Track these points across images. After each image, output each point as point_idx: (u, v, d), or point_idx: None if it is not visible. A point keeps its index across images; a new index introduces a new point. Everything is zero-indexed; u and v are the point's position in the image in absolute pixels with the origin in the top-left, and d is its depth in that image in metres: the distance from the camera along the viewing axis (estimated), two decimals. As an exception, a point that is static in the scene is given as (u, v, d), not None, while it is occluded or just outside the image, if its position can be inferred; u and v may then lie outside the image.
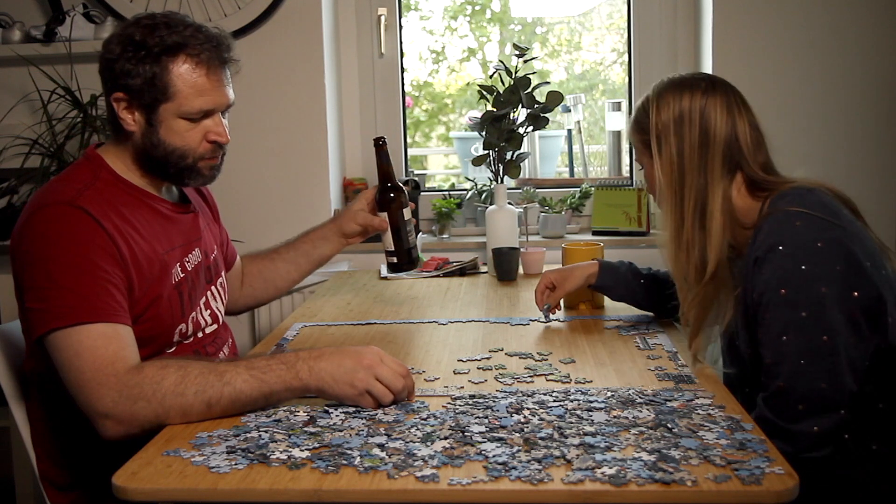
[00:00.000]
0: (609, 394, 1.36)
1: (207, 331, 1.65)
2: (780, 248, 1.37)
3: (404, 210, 1.87)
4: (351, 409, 1.31)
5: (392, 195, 1.86)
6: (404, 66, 3.11)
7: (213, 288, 1.68)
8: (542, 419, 1.25)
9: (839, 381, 1.34)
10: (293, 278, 1.94)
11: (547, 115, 2.53)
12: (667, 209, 1.49)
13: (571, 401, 1.33)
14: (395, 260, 1.90)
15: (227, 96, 1.52)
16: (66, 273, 1.35)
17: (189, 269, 1.58)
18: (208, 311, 1.65)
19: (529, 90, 2.51)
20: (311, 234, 1.94)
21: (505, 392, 1.39)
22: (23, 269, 1.39)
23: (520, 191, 2.97)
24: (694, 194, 1.45)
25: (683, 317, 1.53)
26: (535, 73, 2.54)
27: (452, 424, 1.24)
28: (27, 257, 1.38)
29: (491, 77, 2.59)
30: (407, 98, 3.16)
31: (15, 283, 1.44)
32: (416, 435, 1.21)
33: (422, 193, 2.96)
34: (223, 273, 1.76)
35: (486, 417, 1.26)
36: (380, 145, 1.86)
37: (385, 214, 1.87)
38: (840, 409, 1.34)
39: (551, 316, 1.87)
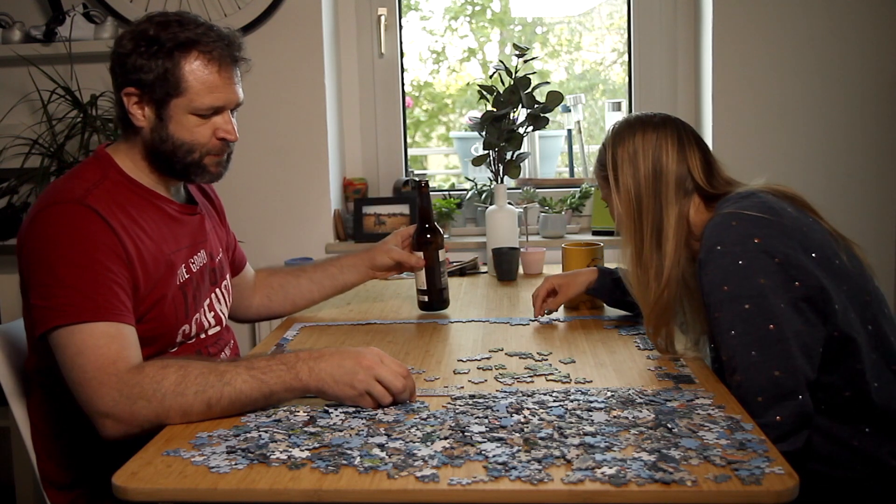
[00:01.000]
0: (609, 394, 1.36)
1: (210, 332, 1.65)
2: (718, 247, 1.42)
3: (440, 252, 1.93)
4: (351, 409, 1.31)
5: (430, 236, 1.92)
6: (404, 66, 3.11)
7: (217, 290, 1.68)
8: (542, 419, 1.25)
9: (792, 366, 1.36)
10: (314, 298, 1.95)
11: (547, 115, 2.53)
12: (627, 234, 1.58)
13: (571, 401, 1.33)
14: (426, 299, 1.95)
15: (237, 94, 1.53)
16: (72, 271, 1.35)
17: (194, 270, 1.59)
18: (212, 313, 1.65)
19: (529, 90, 2.51)
20: (341, 259, 1.95)
21: (505, 392, 1.39)
22: (29, 266, 1.39)
23: (520, 191, 2.97)
24: (650, 219, 1.54)
25: (646, 326, 1.58)
26: (535, 73, 2.54)
27: (452, 424, 1.24)
28: (34, 254, 1.38)
29: (491, 77, 2.59)
30: (407, 98, 3.16)
31: (21, 279, 1.45)
32: (416, 435, 1.21)
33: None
34: (228, 276, 1.75)
35: (486, 417, 1.26)
36: (422, 187, 1.92)
37: (421, 254, 1.91)
38: (798, 394, 1.36)
39: (550, 316, 1.88)
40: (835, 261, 1.44)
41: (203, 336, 1.62)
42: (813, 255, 1.41)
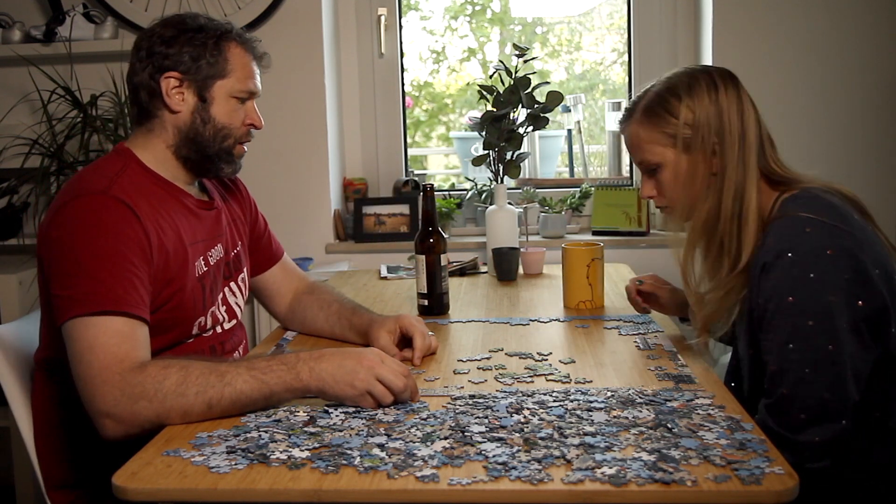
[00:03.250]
0: (609, 394, 1.36)
1: (226, 326, 1.65)
2: (789, 254, 1.35)
3: (441, 256, 1.94)
4: (351, 409, 1.31)
5: (433, 240, 1.93)
6: (404, 66, 3.11)
7: (231, 283, 1.68)
8: (542, 419, 1.25)
9: (842, 391, 1.32)
10: (322, 334, 1.82)
11: (547, 115, 2.53)
12: (702, 203, 1.47)
13: (571, 401, 1.33)
14: (426, 303, 1.96)
15: (260, 86, 1.62)
16: (95, 262, 1.36)
17: (212, 263, 1.60)
18: (225, 307, 1.65)
19: (529, 90, 2.51)
20: (359, 317, 1.75)
21: (505, 392, 1.39)
22: (51, 257, 1.40)
23: (520, 191, 2.97)
24: (733, 189, 1.45)
25: (701, 320, 1.51)
26: (535, 73, 2.54)
27: (452, 424, 1.24)
28: (58, 245, 1.39)
29: (491, 77, 2.59)
30: (407, 98, 3.16)
31: (40, 271, 1.47)
32: (416, 435, 1.21)
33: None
34: (245, 269, 1.75)
35: (486, 417, 1.26)
36: (427, 191, 1.94)
37: (423, 257, 1.93)
38: (842, 419, 1.33)
39: (550, 315, 1.87)
40: (894, 277, 1.38)
41: (219, 329, 1.63)
42: (877, 270, 1.35)
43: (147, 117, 1.56)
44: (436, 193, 3.05)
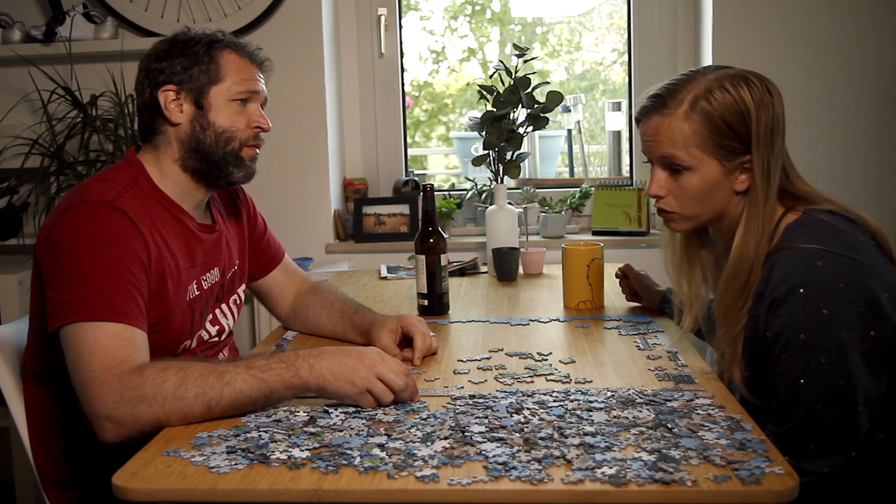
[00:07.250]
0: (609, 394, 1.36)
1: (210, 342, 1.65)
2: (801, 290, 1.31)
3: (441, 256, 1.94)
4: (351, 409, 1.31)
5: (433, 240, 1.93)
6: (404, 66, 3.11)
7: (223, 305, 1.68)
8: (542, 419, 1.25)
9: (853, 424, 1.30)
10: (324, 333, 1.83)
11: (547, 115, 2.53)
12: (755, 208, 1.41)
13: (571, 401, 1.33)
14: (426, 303, 1.96)
15: (265, 89, 1.62)
16: (96, 270, 1.36)
17: (205, 287, 1.60)
18: (216, 328, 1.66)
19: (529, 90, 2.51)
20: (361, 316, 1.75)
21: (505, 392, 1.39)
22: (51, 260, 1.40)
23: (520, 191, 2.97)
24: (762, 214, 1.41)
25: (727, 352, 1.46)
26: (535, 73, 2.54)
27: (452, 424, 1.24)
28: (59, 248, 1.39)
29: (491, 77, 2.59)
30: (407, 98, 3.16)
31: (36, 273, 1.47)
32: (416, 435, 1.21)
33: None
34: (240, 289, 1.75)
35: (486, 417, 1.26)
36: (427, 191, 1.94)
37: (423, 257, 1.93)
38: (851, 450, 1.31)
39: (550, 316, 1.88)
40: None
41: (202, 345, 1.63)
42: (886, 295, 1.31)
43: (153, 135, 1.56)
44: (436, 193, 3.06)
